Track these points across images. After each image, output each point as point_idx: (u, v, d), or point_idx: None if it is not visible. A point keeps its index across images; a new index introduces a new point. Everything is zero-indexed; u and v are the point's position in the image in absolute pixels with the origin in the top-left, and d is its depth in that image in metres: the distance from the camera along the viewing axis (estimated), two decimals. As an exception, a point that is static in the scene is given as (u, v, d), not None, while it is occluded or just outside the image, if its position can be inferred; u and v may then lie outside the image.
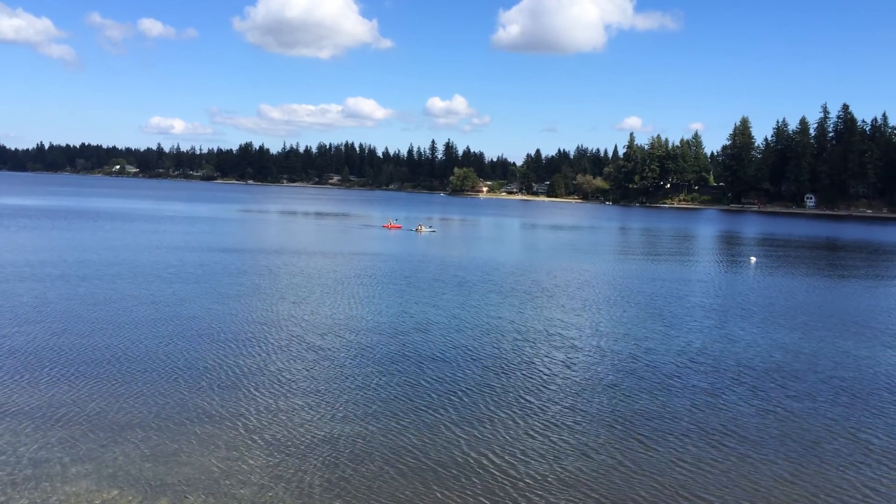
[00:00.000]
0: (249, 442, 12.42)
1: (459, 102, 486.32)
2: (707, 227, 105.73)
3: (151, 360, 17.31)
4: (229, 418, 13.52)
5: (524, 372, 17.55)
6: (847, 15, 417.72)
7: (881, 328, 25.25)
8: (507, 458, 12.17)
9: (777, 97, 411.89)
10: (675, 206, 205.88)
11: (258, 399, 14.73)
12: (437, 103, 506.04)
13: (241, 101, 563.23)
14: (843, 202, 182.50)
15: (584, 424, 13.93)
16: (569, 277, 36.22)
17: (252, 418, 13.58)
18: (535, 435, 13.28)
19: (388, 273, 35.32)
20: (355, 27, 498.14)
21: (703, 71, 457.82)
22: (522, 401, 15.26)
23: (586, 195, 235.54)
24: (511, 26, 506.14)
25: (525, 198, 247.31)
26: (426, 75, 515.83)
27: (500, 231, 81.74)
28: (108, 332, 19.91)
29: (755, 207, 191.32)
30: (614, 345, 20.89)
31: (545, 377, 17.15)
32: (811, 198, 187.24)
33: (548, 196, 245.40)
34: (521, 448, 12.62)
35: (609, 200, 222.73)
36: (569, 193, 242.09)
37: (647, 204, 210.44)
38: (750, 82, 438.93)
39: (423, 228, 68.34)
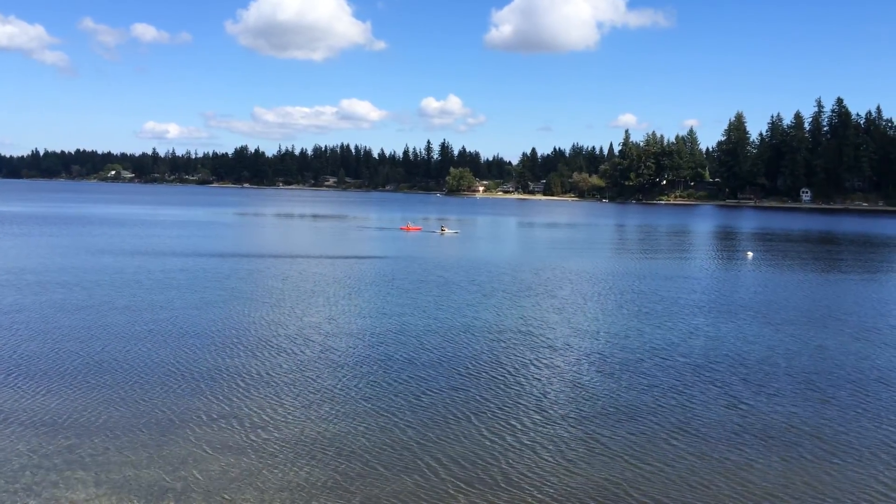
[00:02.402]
0: (247, 445, 12.41)
1: (454, 102, 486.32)
2: (703, 223, 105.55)
3: (146, 365, 17.18)
4: (226, 422, 13.50)
5: (491, 373, 17.38)
6: (840, 9, 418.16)
7: (869, 323, 25.04)
8: (459, 459, 12.01)
9: (771, 92, 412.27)
10: (672, 202, 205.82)
11: (255, 402, 14.68)
12: (431, 103, 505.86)
13: (236, 104, 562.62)
14: (839, 196, 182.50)
15: (543, 425, 13.75)
16: (561, 276, 35.99)
17: (249, 421, 13.55)
18: (488, 436, 13.12)
19: (409, 276, 34.97)
20: (349, 29, 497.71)
21: (696, 67, 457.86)
22: (483, 401, 15.09)
23: (582, 193, 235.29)
24: (504, 26, 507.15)
25: (521, 197, 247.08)
26: (420, 76, 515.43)
27: (506, 230, 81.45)
28: (96, 339, 19.71)
29: (751, 202, 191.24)
30: (590, 344, 20.70)
31: (510, 377, 16.97)
32: (807, 192, 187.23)
33: (544, 195, 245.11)
34: (474, 449, 12.47)
35: (605, 198, 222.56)
36: (565, 192, 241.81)
37: (644, 201, 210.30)
38: (744, 77, 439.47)
39: (447, 230, 67.47)
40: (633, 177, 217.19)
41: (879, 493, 11.19)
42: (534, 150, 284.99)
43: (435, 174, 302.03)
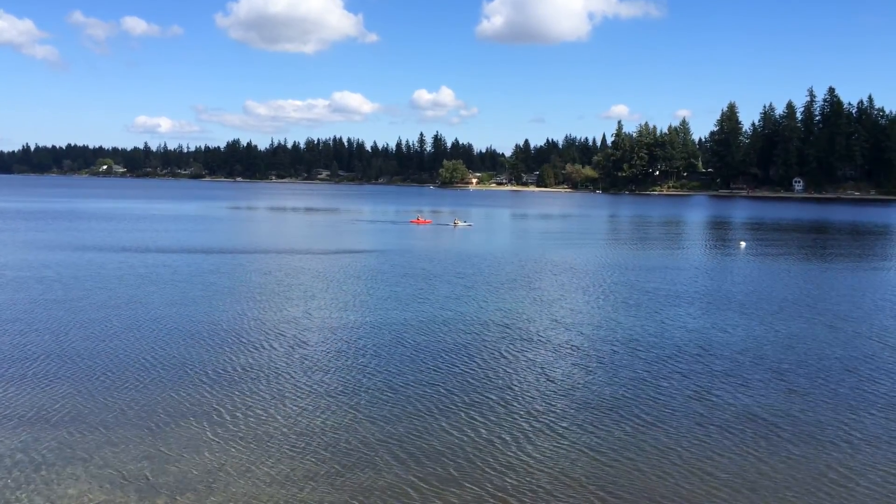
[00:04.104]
0: (241, 439, 12.37)
1: (446, 94, 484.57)
2: (696, 213, 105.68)
3: (130, 361, 17.00)
4: (220, 416, 13.45)
5: (468, 367, 17.19)
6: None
7: (847, 313, 24.93)
8: (428, 453, 11.88)
9: (763, 82, 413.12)
10: (665, 192, 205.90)
11: (247, 396, 14.60)
12: (424, 96, 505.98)
13: (227, 97, 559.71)
14: (831, 185, 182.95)
15: (511, 419, 13.58)
16: (549, 267, 35.81)
17: (242, 415, 13.50)
18: (458, 428, 12.99)
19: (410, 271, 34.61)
20: (340, 21, 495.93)
21: (688, 58, 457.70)
22: (455, 395, 14.93)
23: (576, 185, 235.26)
24: (495, 17, 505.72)
25: (515, 188, 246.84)
26: (412, 68, 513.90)
27: (509, 223, 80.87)
28: (76, 335, 19.43)
29: (744, 192, 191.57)
30: (567, 336, 20.45)
31: (488, 372, 16.76)
32: (799, 181, 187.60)
33: (537, 186, 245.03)
34: (445, 441, 12.33)
35: (598, 189, 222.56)
36: (558, 183, 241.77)
37: (637, 192, 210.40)
38: (736, 68, 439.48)
39: (459, 223, 67.16)
40: (626, 168, 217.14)
41: (842, 483, 11.08)
42: (526, 141, 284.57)
43: (428, 167, 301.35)
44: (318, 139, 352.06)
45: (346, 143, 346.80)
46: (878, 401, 14.99)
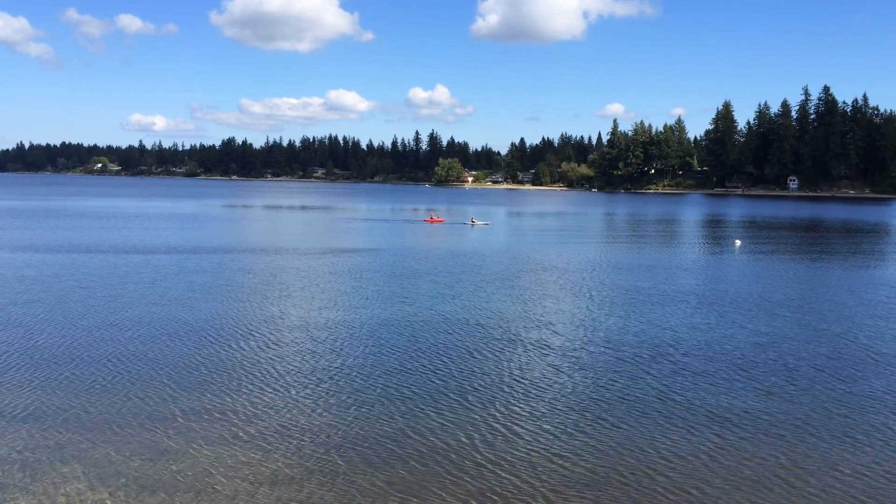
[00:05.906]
0: (236, 437, 12.42)
1: (442, 93, 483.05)
2: (691, 212, 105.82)
3: (133, 360, 17.05)
4: (215, 414, 13.50)
5: (452, 366, 17.21)
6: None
7: (844, 313, 24.95)
8: (394, 456, 11.90)
9: (758, 80, 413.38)
10: (660, 191, 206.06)
11: (242, 395, 14.64)
12: (419, 94, 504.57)
13: (222, 96, 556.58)
14: (826, 184, 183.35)
15: (473, 419, 13.61)
16: (538, 266, 35.85)
17: (237, 414, 13.56)
18: (421, 429, 13.01)
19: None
20: (336, 20, 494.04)
21: (683, 56, 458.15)
22: (426, 396, 14.95)
23: (571, 183, 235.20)
24: (490, 15, 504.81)
25: (510, 187, 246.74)
26: (408, 67, 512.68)
27: (501, 221, 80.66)
28: (70, 336, 19.34)
29: (739, 191, 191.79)
30: (545, 336, 20.42)
31: (457, 370, 16.79)
32: (794, 180, 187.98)
33: (533, 185, 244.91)
34: (405, 445, 12.34)
35: (594, 187, 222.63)
36: (554, 181, 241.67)
37: (632, 190, 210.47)
38: (731, 66, 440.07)
39: (477, 221, 67.49)
40: (622, 166, 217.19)
41: (821, 484, 11.10)
42: (522, 140, 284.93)
43: (424, 165, 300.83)
44: (314, 137, 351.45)
45: (341, 142, 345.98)
46: (854, 401, 14.98)
